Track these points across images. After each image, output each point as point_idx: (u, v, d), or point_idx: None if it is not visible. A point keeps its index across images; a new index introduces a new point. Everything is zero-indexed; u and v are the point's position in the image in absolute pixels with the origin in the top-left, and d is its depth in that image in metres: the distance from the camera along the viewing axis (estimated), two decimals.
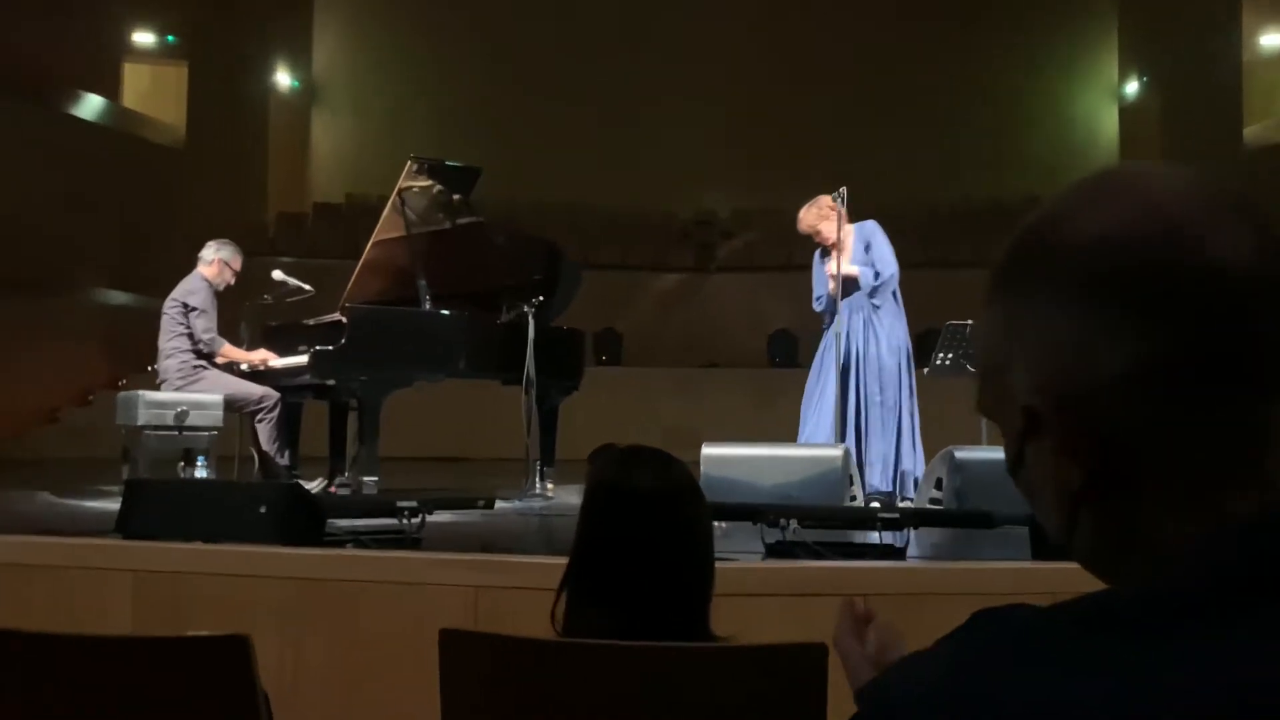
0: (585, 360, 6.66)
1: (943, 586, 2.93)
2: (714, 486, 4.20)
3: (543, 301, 5.94)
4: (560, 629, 1.57)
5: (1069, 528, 0.63)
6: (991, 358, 0.65)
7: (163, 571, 3.17)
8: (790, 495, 4.22)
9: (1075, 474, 0.61)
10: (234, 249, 6.11)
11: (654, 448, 1.67)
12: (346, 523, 3.86)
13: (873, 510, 4.29)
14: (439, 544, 3.71)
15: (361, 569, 3.09)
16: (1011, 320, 0.64)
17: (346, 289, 6.11)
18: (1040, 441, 0.63)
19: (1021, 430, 0.63)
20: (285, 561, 3.14)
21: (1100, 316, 0.59)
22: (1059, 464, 0.62)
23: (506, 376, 6.17)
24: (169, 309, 5.91)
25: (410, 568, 3.07)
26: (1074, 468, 0.61)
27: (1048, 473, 0.63)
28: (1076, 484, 0.61)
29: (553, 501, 5.81)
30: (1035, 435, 0.63)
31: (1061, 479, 0.62)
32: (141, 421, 5.60)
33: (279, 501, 3.50)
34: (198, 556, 3.19)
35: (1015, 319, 0.63)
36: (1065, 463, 0.62)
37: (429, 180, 6.05)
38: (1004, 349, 0.64)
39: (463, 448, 10.56)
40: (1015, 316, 0.63)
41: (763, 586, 2.94)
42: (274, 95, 15.16)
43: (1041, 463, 0.63)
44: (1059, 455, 0.62)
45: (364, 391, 5.55)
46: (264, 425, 5.79)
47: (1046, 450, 0.62)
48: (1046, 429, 0.62)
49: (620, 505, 1.61)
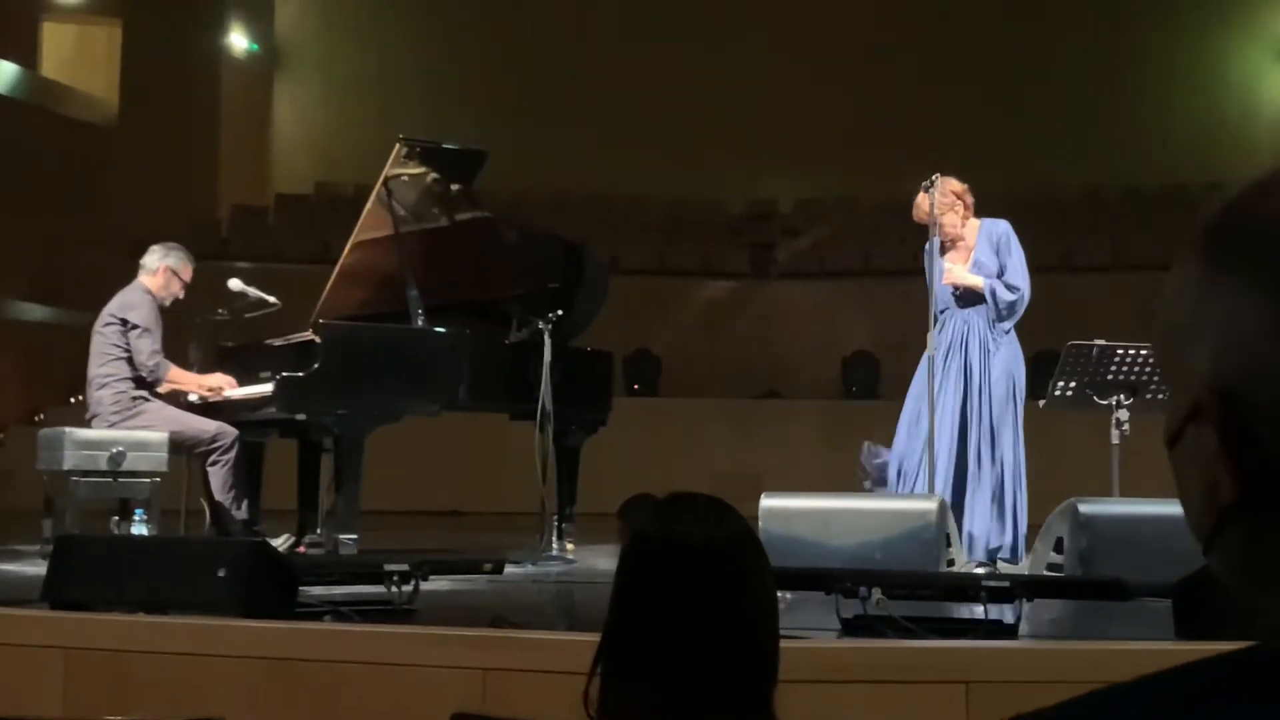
0: (614, 389, 6.73)
1: (1064, 673, 2.97)
2: (776, 546, 4.24)
3: (562, 315, 6.02)
4: (595, 713, 1.63)
5: (1211, 538, 0.70)
6: (1174, 320, 0.71)
7: (100, 649, 3.26)
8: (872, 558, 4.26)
9: (1229, 485, 0.67)
10: (183, 254, 6.24)
11: (702, 494, 1.72)
12: (322, 590, 3.94)
13: (976, 577, 4.32)
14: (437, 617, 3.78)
15: (344, 647, 3.16)
16: (1205, 290, 0.69)
17: (319, 301, 6.21)
18: (1202, 430, 0.69)
19: (1186, 415, 0.70)
20: (250, 637, 3.21)
21: None
22: (1215, 466, 0.68)
23: (516, 408, 6.25)
24: (103, 327, 6.02)
25: (404, 646, 3.14)
26: (1228, 477, 0.67)
27: (1201, 469, 0.69)
28: (1228, 497, 0.67)
29: (574, 565, 5.87)
30: (1199, 422, 0.69)
31: (1213, 482, 0.68)
32: (68, 465, 5.71)
33: (241, 563, 3.59)
34: (142, 631, 3.28)
35: (1209, 291, 0.69)
36: (1222, 469, 0.67)
37: (422, 167, 6.15)
38: (1190, 318, 0.70)
39: (462, 499, 10.65)
40: (1210, 287, 0.69)
41: (839, 670, 2.98)
42: (227, 61, 15.39)
43: (1198, 456, 0.69)
44: (1218, 457, 0.68)
45: (341, 428, 5.64)
46: (218, 469, 5.89)
47: (1207, 443, 0.68)
48: (1211, 423, 0.68)
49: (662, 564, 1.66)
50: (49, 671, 3.22)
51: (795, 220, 14.73)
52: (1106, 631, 3.72)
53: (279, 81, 16.10)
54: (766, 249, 14.30)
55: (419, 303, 5.96)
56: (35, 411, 11.15)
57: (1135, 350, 5.33)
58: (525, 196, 13.30)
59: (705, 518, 1.66)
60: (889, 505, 4.73)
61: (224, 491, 5.88)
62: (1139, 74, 14.83)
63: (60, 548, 3.93)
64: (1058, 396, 5.50)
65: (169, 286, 6.16)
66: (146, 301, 6.07)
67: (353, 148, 13.98)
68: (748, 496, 4.15)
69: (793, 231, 14.55)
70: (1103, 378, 5.37)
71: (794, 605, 3.83)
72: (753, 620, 1.65)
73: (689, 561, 1.63)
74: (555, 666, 2.80)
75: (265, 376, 5.79)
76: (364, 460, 5.68)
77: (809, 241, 14.24)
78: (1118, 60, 14.80)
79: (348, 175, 13.86)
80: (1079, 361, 5.43)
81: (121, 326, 5.98)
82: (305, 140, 15.81)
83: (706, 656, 1.60)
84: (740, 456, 10.81)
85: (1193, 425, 0.69)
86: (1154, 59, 14.96)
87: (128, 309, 6.03)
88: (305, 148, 15.71)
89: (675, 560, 1.65)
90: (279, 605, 3.57)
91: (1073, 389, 5.45)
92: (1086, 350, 5.43)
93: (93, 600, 3.58)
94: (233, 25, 15.40)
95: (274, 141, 16.01)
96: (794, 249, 14.26)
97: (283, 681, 3.15)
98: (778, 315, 13.33)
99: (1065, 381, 5.46)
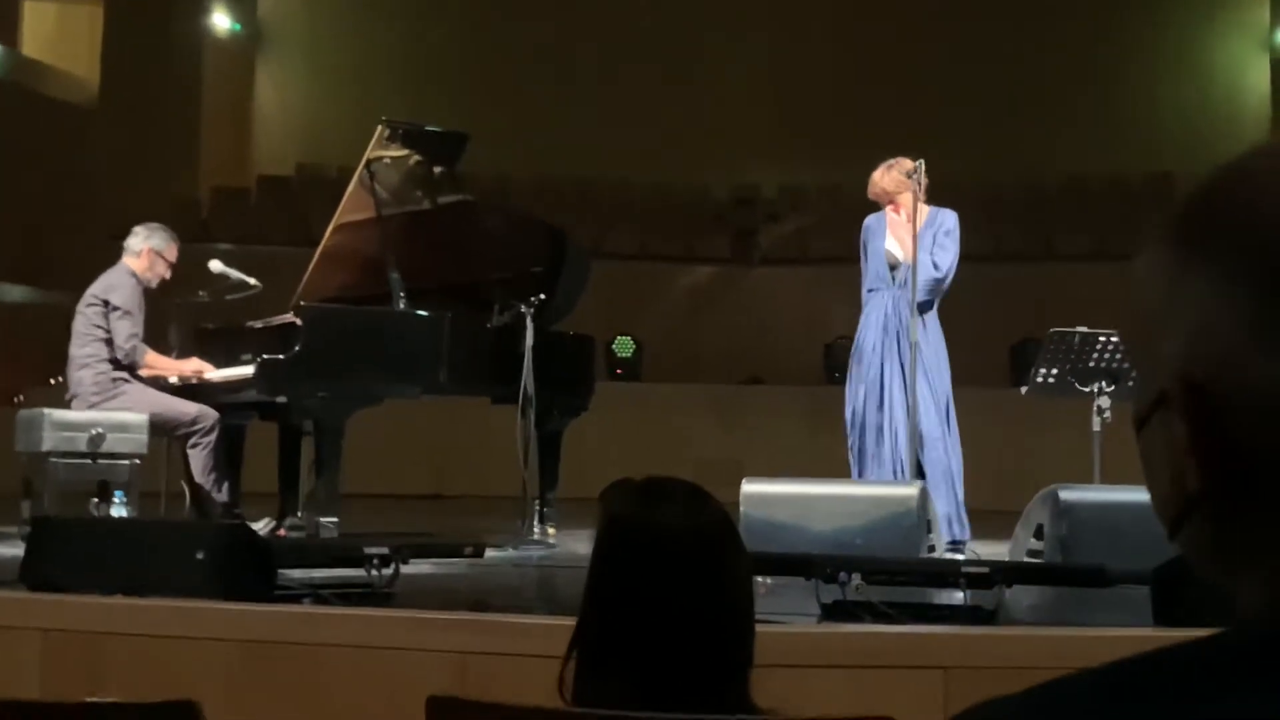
0: (596, 374, 6.73)
1: (1044, 659, 2.98)
2: (757, 532, 4.26)
3: (544, 300, 6.03)
4: (570, 698, 1.63)
5: (1177, 524, 0.70)
6: (1144, 306, 0.71)
7: (77, 631, 3.25)
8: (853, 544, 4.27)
9: (1195, 474, 0.67)
10: (168, 235, 6.21)
11: (682, 479, 1.72)
12: (302, 573, 3.94)
13: (956, 563, 4.34)
14: (416, 600, 3.78)
15: (323, 630, 3.16)
16: (1176, 278, 0.69)
17: (301, 284, 6.20)
18: (1168, 418, 0.69)
19: (1153, 401, 0.70)
20: (229, 620, 3.21)
21: None
22: (1182, 455, 0.68)
23: (498, 392, 6.25)
24: (85, 308, 6.00)
25: (383, 629, 3.14)
26: (1195, 468, 0.67)
27: (1168, 456, 0.69)
28: (1194, 485, 0.68)
29: (555, 550, 5.88)
30: (1166, 409, 0.69)
31: (1179, 470, 0.68)
32: (47, 446, 5.70)
33: (220, 546, 3.59)
34: (120, 613, 3.27)
35: (1180, 278, 0.68)
36: (1189, 458, 0.68)
37: (404, 149, 6.15)
38: (1160, 305, 0.70)
39: (442, 482, 10.64)
40: (1181, 274, 0.68)
41: (819, 655, 3.00)
42: (210, 41, 15.33)
43: (1164, 442, 0.69)
44: (1185, 446, 0.68)
45: (322, 411, 5.64)
46: (198, 452, 5.88)
47: (1172, 431, 0.68)
48: (1178, 412, 0.68)
49: (641, 548, 1.66)
50: (26, 653, 3.21)
51: (778, 206, 14.74)
52: (1086, 618, 3.73)
53: (261, 62, 16.03)
54: (749, 235, 14.31)
55: (401, 285, 5.96)
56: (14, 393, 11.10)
57: (1117, 338, 5.35)
58: (508, 181, 13.29)
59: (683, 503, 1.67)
60: (870, 491, 4.74)
61: (204, 474, 5.88)
62: (1124, 63, 14.85)
63: (38, 529, 3.93)
64: (1039, 383, 5.52)
65: (154, 268, 6.14)
66: (130, 284, 6.05)
67: (335, 129, 13.92)
68: (730, 482, 4.17)
69: (775, 217, 14.57)
70: (1084, 365, 5.40)
71: (774, 590, 3.84)
72: (729, 606, 1.65)
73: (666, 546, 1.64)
74: (535, 650, 2.80)
75: (246, 359, 5.79)
76: (344, 443, 5.68)
77: (792, 227, 14.25)
78: (1102, 50, 14.82)
79: (330, 157, 13.79)
80: (1061, 349, 5.45)
81: (103, 308, 5.96)
82: (287, 121, 15.76)
83: (682, 641, 1.61)
84: (723, 442, 10.82)
85: (1160, 412, 0.69)
86: (1139, 48, 14.98)
87: (110, 290, 6.00)
88: (287, 129, 15.66)
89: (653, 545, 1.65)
90: (258, 588, 3.56)
91: (1054, 376, 5.47)
92: (1069, 337, 5.45)
93: (70, 582, 3.57)
94: (215, 5, 15.34)
95: (256, 123, 15.96)
96: (777, 235, 14.27)
97: (261, 664, 3.15)
98: (760, 301, 13.34)
99: (1047, 368, 5.48)
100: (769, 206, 14.81)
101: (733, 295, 13.50)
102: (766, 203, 14.89)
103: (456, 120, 6.90)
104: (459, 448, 10.31)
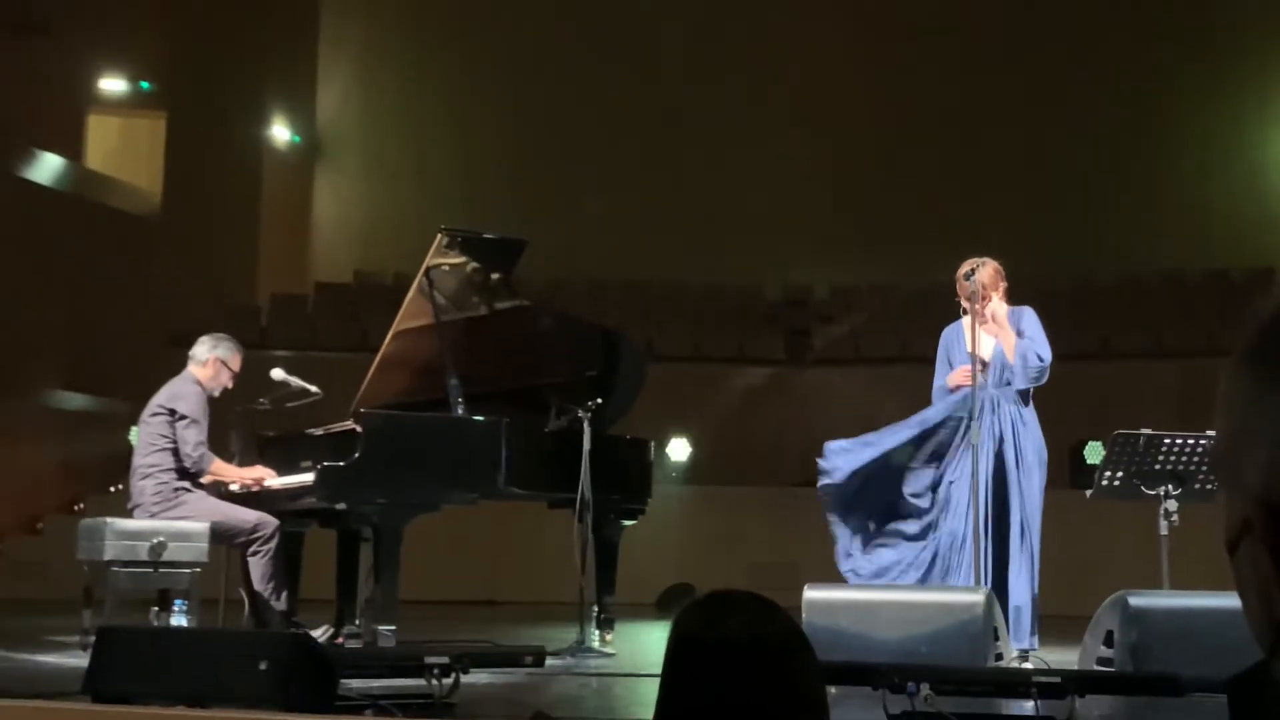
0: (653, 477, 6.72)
1: None
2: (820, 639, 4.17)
3: (600, 403, 6.04)
4: None
5: (1273, 650, 0.69)
6: (1227, 430, 0.71)
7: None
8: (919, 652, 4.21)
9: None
10: (233, 345, 6.30)
11: (747, 591, 1.72)
12: (361, 683, 3.93)
13: (1027, 673, 4.26)
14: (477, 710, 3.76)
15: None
16: (1254, 400, 0.69)
17: (360, 390, 6.26)
18: (1255, 545, 0.68)
19: (1239, 527, 0.69)
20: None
21: None
22: (1269, 584, 0.68)
23: (555, 497, 6.25)
24: (150, 418, 6.09)
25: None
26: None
27: (1257, 583, 0.69)
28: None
29: (613, 658, 5.82)
30: (1250, 536, 0.69)
31: (1268, 599, 0.68)
32: (109, 555, 5.74)
33: (282, 656, 3.58)
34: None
35: (1257, 400, 0.69)
36: (1275, 587, 0.67)
37: (462, 256, 6.21)
38: (1240, 429, 0.70)
39: (496, 589, 10.61)
40: (1258, 398, 0.69)
41: None
42: (269, 152, 15.66)
43: (1252, 568, 0.69)
44: (1270, 575, 0.67)
45: (382, 517, 5.65)
46: (258, 560, 5.91)
47: (1260, 558, 0.68)
48: (1262, 539, 0.68)
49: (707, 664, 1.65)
50: None
51: (830, 307, 14.78)
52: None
53: (319, 172, 16.35)
54: (802, 335, 14.33)
55: (459, 391, 5.98)
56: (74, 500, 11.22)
57: (1182, 439, 5.28)
58: (562, 284, 13.40)
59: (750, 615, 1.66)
60: (935, 597, 4.68)
61: (264, 582, 5.89)
62: (1177, 159, 14.85)
63: (103, 639, 3.94)
64: (1105, 486, 5.43)
65: (218, 377, 6.22)
66: (195, 392, 6.13)
67: (391, 237, 14.17)
68: (786, 585, 4.13)
69: (828, 318, 14.60)
70: (1150, 467, 5.31)
71: (839, 700, 3.78)
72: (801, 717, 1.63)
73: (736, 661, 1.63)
74: None
75: (306, 466, 5.82)
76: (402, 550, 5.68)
77: (845, 328, 14.27)
78: (1155, 146, 14.83)
79: (387, 264, 14.04)
80: (1126, 451, 5.37)
81: (169, 417, 6.04)
82: (345, 229, 16.01)
83: None
84: (777, 545, 10.73)
85: (1247, 538, 0.69)
86: (1192, 144, 14.98)
87: (176, 399, 6.09)
88: (345, 237, 15.91)
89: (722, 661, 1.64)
90: (319, 698, 3.56)
91: (1120, 479, 5.39)
92: (1133, 439, 5.37)
93: (134, 693, 3.58)
94: (275, 117, 15.69)
95: (314, 231, 16.22)
96: (829, 335, 14.29)
97: None
98: (813, 401, 13.30)
99: (1112, 471, 5.39)
100: (821, 307, 14.85)
101: (785, 395, 13.48)
102: (819, 303, 14.94)
103: (510, 224, 6.99)
104: (512, 553, 10.29)
